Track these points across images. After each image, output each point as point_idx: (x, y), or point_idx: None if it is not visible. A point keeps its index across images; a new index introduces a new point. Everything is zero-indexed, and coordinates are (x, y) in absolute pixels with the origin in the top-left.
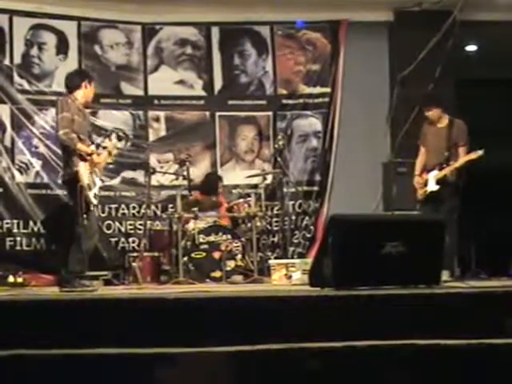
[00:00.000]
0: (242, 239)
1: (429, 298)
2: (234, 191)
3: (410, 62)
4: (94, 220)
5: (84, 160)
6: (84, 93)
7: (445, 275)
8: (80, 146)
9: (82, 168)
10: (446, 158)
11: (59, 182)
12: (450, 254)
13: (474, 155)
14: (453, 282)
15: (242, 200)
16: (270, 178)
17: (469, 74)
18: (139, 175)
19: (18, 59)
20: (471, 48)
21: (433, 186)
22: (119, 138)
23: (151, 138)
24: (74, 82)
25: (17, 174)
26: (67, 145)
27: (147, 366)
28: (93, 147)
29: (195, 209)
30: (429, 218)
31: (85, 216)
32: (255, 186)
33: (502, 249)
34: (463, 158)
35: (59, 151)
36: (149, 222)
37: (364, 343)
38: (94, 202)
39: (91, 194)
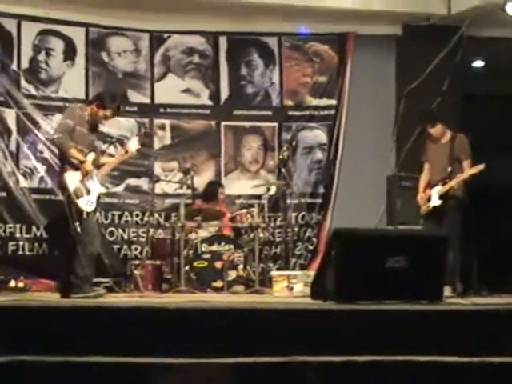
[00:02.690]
0: (245, 249)
1: (430, 315)
2: (237, 201)
3: (416, 76)
4: (93, 225)
5: (76, 168)
6: (90, 111)
7: (447, 291)
8: (72, 151)
9: (70, 176)
10: (449, 173)
11: None
12: (452, 270)
13: (474, 169)
14: (454, 297)
15: (245, 210)
16: (273, 189)
17: (475, 89)
18: (143, 183)
19: (25, 64)
20: (478, 64)
21: (436, 201)
22: (145, 134)
23: (156, 146)
24: (94, 96)
25: (21, 178)
26: (59, 148)
27: (147, 376)
28: (91, 156)
29: (198, 218)
30: (432, 233)
31: (77, 223)
32: (259, 197)
33: (504, 263)
34: (465, 173)
35: None
36: (152, 230)
37: (364, 358)
38: (88, 208)
39: (83, 201)
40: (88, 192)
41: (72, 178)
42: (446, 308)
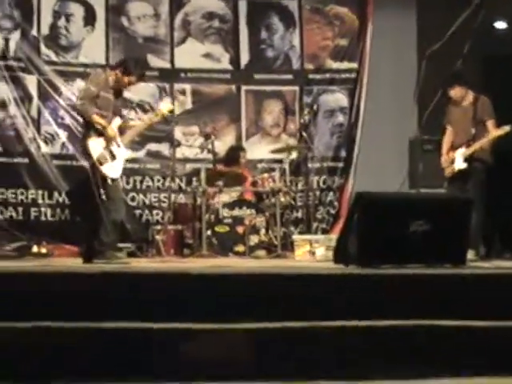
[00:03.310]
0: (266, 214)
1: (454, 278)
2: (258, 165)
3: (438, 38)
4: (119, 192)
5: (100, 134)
6: (114, 77)
7: (470, 254)
8: (95, 117)
9: (93, 142)
10: (473, 136)
11: None
12: (475, 233)
13: (500, 131)
14: (477, 261)
15: (266, 175)
16: (295, 153)
17: (497, 50)
18: (164, 148)
19: (45, 30)
20: (500, 25)
21: (460, 164)
22: (144, 110)
23: (177, 110)
24: (118, 62)
25: (42, 144)
26: (81, 114)
27: (169, 341)
28: (117, 121)
29: (219, 182)
30: (455, 196)
31: (101, 190)
32: (280, 161)
33: None
34: (490, 134)
35: None
36: (173, 195)
37: (387, 322)
38: (114, 175)
39: (107, 168)
40: (113, 158)
41: (95, 145)
42: (469, 272)
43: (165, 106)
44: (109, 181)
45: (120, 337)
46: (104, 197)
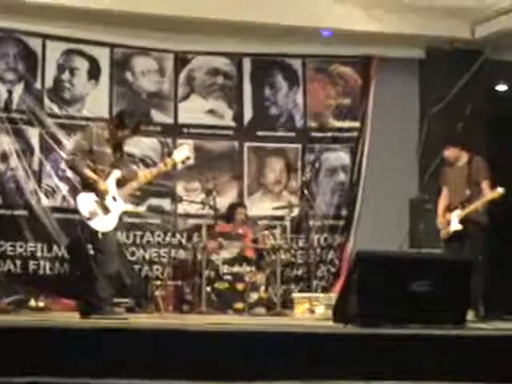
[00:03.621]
0: (266, 271)
1: (454, 339)
2: (259, 222)
3: (440, 100)
4: (111, 245)
5: (92, 189)
6: (109, 130)
7: (469, 315)
8: (85, 172)
9: (83, 197)
10: (468, 197)
11: None
12: (475, 294)
13: (494, 194)
14: (477, 322)
15: (267, 232)
16: (296, 211)
17: (499, 113)
18: (166, 203)
19: (49, 83)
20: (501, 87)
21: (456, 226)
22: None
23: (179, 166)
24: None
25: (43, 197)
26: (72, 169)
27: None
28: (117, 174)
29: (220, 238)
30: (456, 257)
31: (89, 245)
32: (281, 218)
33: None
34: (484, 197)
35: None
36: (173, 251)
37: (387, 383)
38: (104, 228)
39: (98, 222)
40: (106, 211)
41: (85, 199)
42: (469, 333)
43: (180, 154)
44: (99, 235)
45: None
46: (92, 251)
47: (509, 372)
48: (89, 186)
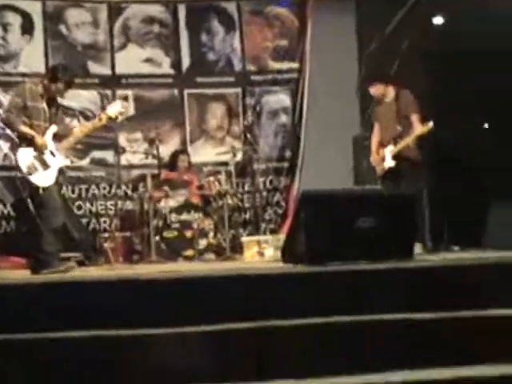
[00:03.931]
0: (214, 217)
1: (401, 272)
2: (204, 169)
3: (377, 37)
4: (53, 199)
5: (29, 144)
6: (43, 85)
7: (417, 248)
8: (21, 128)
9: (22, 152)
10: (399, 132)
11: None
12: (421, 227)
13: (424, 128)
14: (425, 255)
15: (212, 178)
16: (240, 155)
17: (436, 47)
18: (109, 155)
19: None
20: (438, 20)
21: (390, 162)
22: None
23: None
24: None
25: None
26: (8, 126)
27: (122, 347)
28: (53, 129)
29: (166, 187)
30: (398, 191)
31: (29, 200)
32: (226, 164)
33: (474, 220)
34: (413, 133)
35: None
36: (120, 202)
37: (337, 318)
38: (44, 183)
39: (37, 177)
40: (45, 166)
41: (24, 155)
42: (416, 265)
43: (113, 109)
44: (40, 190)
45: (70, 346)
46: (31, 207)
47: (456, 300)
48: (26, 142)
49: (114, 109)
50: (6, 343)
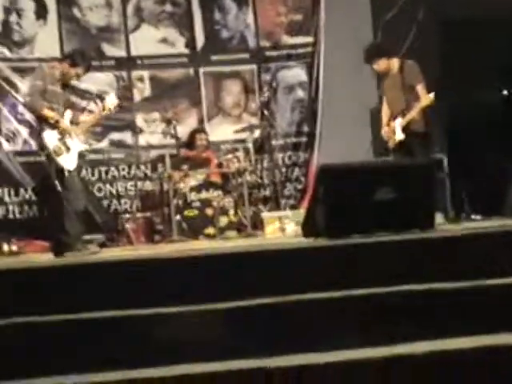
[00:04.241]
0: (234, 194)
1: (423, 242)
2: (222, 147)
3: (392, 6)
4: (76, 183)
5: (53, 127)
6: (61, 70)
7: (438, 218)
8: (45, 111)
9: (47, 135)
10: (406, 104)
11: None
12: (442, 197)
13: (426, 101)
14: (446, 224)
15: (230, 155)
16: (257, 132)
17: (452, 15)
18: (127, 136)
19: None
20: None
21: (400, 135)
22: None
23: (136, 98)
24: (65, 55)
25: (4, 142)
26: (32, 110)
27: (146, 326)
28: (68, 114)
29: (185, 166)
30: (419, 161)
31: (57, 181)
32: (243, 141)
33: (495, 187)
34: (417, 106)
35: None
36: (139, 183)
37: (360, 291)
38: (69, 166)
39: (63, 159)
40: (68, 150)
41: (50, 137)
42: (438, 235)
43: (110, 101)
44: (66, 172)
45: (97, 326)
46: (59, 188)
47: (478, 269)
48: (49, 125)
49: (109, 101)
50: (33, 325)
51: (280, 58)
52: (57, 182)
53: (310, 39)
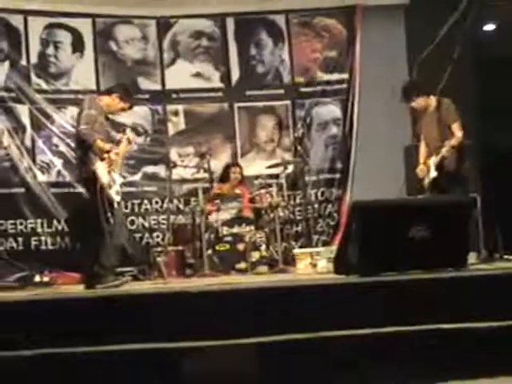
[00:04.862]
0: (266, 230)
1: (456, 281)
2: (255, 182)
3: (427, 45)
4: (120, 217)
5: (101, 159)
6: (108, 102)
7: (471, 258)
8: (99, 142)
9: (100, 167)
10: (442, 142)
11: None
12: (476, 236)
13: (454, 140)
14: (479, 264)
15: (263, 190)
16: (291, 168)
17: (488, 53)
18: (160, 170)
19: (34, 59)
20: (489, 27)
21: (433, 173)
22: (137, 133)
23: (171, 132)
24: (108, 88)
25: (39, 173)
26: (86, 139)
27: (175, 360)
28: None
29: (217, 201)
30: (454, 199)
31: (109, 214)
32: (277, 176)
33: None
34: (448, 143)
35: None
36: (172, 217)
37: (391, 329)
38: (117, 199)
39: (112, 192)
40: (114, 182)
41: (102, 169)
42: (470, 274)
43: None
44: (115, 204)
45: (127, 358)
46: (112, 221)
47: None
48: (99, 156)
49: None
50: (62, 357)
51: (314, 95)
52: (109, 215)
53: (344, 76)
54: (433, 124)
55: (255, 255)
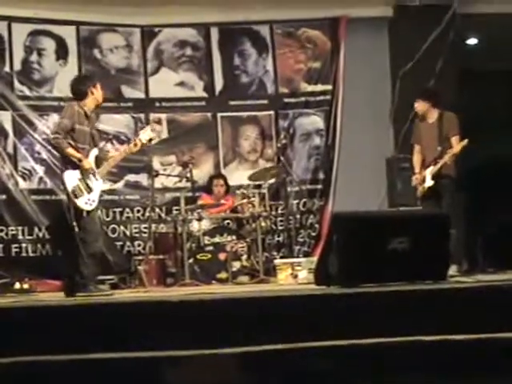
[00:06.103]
0: (247, 239)
1: (435, 294)
2: (237, 192)
3: (410, 57)
4: (95, 224)
5: (75, 167)
6: (92, 98)
7: (452, 270)
8: (69, 150)
9: (68, 175)
10: (439, 153)
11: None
12: (456, 248)
13: (458, 147)
14: (460, 276)
15: (245, 200)
16: (273, 178)
17: (470, 66)
18: (143, 178)
19: (17, 66)
20: (472, 41)
21: (429, 182)
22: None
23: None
24: (80, 90)
25: (20, 180)
26: (55, 148)
27: (155, 369)
28: (95, 152)
29: (199, 210)
30: (433, 212)
31: (74, 223)
32: (259, 186)
33: (510, 240)
34: (451, 150)
35: None
36: (154, 225)
37: (371, 340)
38: (88, 207)
39: (82, 200)
40: (89, 190)
41: (71, 177)
42: (449, 286)
43: (145, 135)
44: (84, 213)
45: (106, 367)
46: (77, 229)
47: (491, 322)
48: (71, 164)
49: (146, 135)
50: (40, 363)
51: (298, 105)
52: (75, 223)
53: (328, 87)
54: (433, 135)
55: (236, 265)
